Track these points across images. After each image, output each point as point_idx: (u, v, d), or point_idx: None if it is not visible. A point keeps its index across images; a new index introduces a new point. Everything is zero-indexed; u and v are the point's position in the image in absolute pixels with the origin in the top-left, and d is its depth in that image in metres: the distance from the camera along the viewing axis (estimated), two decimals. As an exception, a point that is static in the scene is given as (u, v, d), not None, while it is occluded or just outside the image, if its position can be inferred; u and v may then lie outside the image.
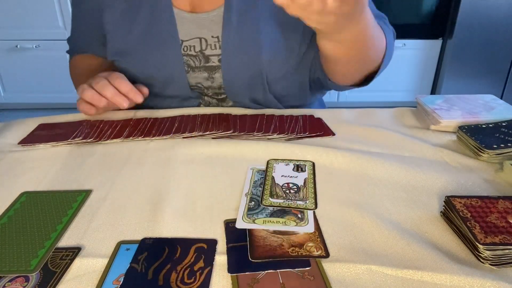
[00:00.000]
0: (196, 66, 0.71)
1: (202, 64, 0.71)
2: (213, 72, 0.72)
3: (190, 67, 0.71)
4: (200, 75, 0.72)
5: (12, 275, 0.37)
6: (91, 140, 0.61)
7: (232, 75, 0.71)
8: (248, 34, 0.68)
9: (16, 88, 2.53)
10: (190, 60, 0.71)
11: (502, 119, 0.62)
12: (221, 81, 0.72)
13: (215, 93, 0.76)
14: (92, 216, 0.45)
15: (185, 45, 0.70)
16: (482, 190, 0.49)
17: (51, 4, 2.30)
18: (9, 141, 0.62)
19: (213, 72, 0.72)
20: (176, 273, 0.37)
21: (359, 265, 0.38)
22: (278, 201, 0.46)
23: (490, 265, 0.38)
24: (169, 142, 0.60)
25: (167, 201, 0.47)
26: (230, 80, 0.71)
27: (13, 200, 0.48)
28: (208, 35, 0.70)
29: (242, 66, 0.69)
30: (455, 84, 2.48)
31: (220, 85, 0.73)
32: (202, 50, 0.70)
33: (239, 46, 0.68)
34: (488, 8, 2.25)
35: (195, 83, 0.73)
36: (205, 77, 0.72)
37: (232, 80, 0.71)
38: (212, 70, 0.71)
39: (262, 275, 0.37)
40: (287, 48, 0.70)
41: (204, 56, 0.71)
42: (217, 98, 0.76)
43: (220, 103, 0.77)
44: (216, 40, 0.70)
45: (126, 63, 0.72)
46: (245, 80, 0.71)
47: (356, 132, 0.64)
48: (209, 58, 0.71)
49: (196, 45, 0.70)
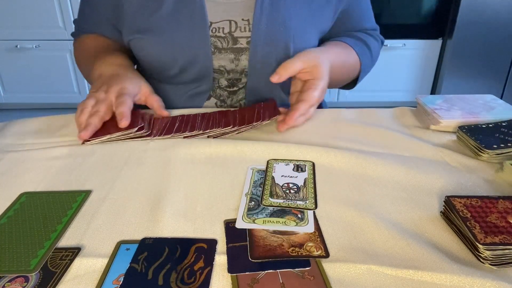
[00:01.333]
0: (223, 47, 0.72)
1: (229, 45, 0.72)
2: (240, 54, 0.73)
3: (217, 48, 0.72)
4: (226, 56, 0.73)
5: (11, 275, 0.37)
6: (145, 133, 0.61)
7: (259, 58, 0.72)
8: (279, 20, 0.70)
9: (16, 88, 2.53)
10: (217, 41, 0.72)
11: (502, 119, 0.62)
12: (246, 64, 0.73)
13: (230, 83, 0.76)
14: (92, 216, 0.45)
15: (214, 26, 0.71)
16: (482, 190, 0.49)
17: (51, 4, 2.30)
18: (9, 141, 0.62)
19: (240, 54, 0.73)
20: (176, 273, 0.37)
21: (359, 265, 0.38)
22: (278, 201, 0.46)
23: (490, 265, 0.38)
24: (169, 142, 0.60)
25: (167, 201, 0.47)
26: (255, 62, 0.72)
27: (13, 201, 0.48)
28: (239, 18, 0.71)
29: (270, 50, 0.71)
30: (455, 84, 2.48)
31: (244, 68, 0.74)
32: (231, 32, 0.71)
33: (270, 31, 0.70)
34: (488, 8, 2.26)
35: (218, 66, 0.74)
36: (230, 58, 0.73)
37: (257, 63, 0.72)
38: (239, 52, 0.72)
39: (262, 275, 0.37)
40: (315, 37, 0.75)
41: (232, 38, 0.72)
42: (229, 91, 0.77)
43: (231, 96, 0.77)
44: (247, 23, 0.71)
45: (148, 42, 0.72)
46: (270, 64, 0.72)
47: (356, 132, 0.64)
48: (238, 40, 0.72)
49: (225, 27, 0.71)
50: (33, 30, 2.37)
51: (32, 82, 2.51)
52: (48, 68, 2.45)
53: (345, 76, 0.79)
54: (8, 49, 2.41)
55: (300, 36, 0.72)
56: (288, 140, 0.61)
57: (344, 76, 0.79)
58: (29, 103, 2.60)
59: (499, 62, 2.40)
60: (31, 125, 0.67)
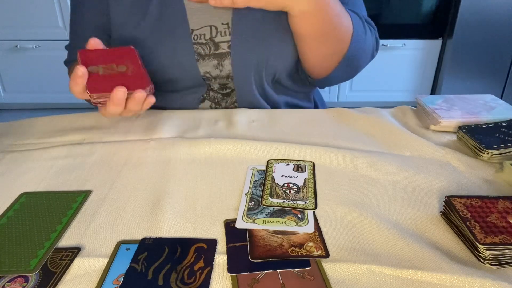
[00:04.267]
0: (206, 54, 0.72)
1: (211, 51, 0.72)
2: (222, 59, 0.72)
3: (200, 55, 0.72)
4: (209, 63, 0.73)
5: (11, 275, 0.37)
6: None
7: (241, 61, 0.71)
8: (257, 19, 0.69)
9: (16, 88, 2.53)
10: (200, 48, 0.72)
11: (502, 119, 0.62)
12: (230, 68, 0.73)
13: (221, 86, 0.76)
14: (92, 216, 0.45)
15: (195, 33, 0.71)
16: (482, 190, 0.49)
17: (51, 4, 2.30)
18: (9, 141, 0.62)
19: (223, 59, 0.72)
20: (176, 273, 0.37)
21: (359, 265, 0.38)
22: (278, 201, 0.46)
23: (490, 265, 0.38)
24: (169, 142, 0.60)
25: (167, 201, 0.47)
26: (239, 66, 0.72)
27: (13, 201, 0.48)
28: (218, 22, 0.71)
29: (251, 52, 0.71)
30: (455, 84, 2.48)
31: (229, 73, 0.73)
32: (212, 37, 0.71)
33: (249, 31, 0.70)
34: (488, 8, 2.25)
35: (203, 73, 0.74)
36: (214, 65, 0.73)
37: (241, 67, 0.72)
38: (222, 57, 0.72)
39: (262, 275, 0.37)
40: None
41: (214, 43, 0.71)
42: (222, 93, 0.77)
43: (225, 98, 0.77)
44: (226, 27, 0.71)
45: None
46: (253, 66, 0.72)
47: (356, 131, 0.64)
48: (219, 45, 0.71)
49: (206, 33, 0.71)
50: (33, 30, 2.36)
51: (32, 82, 2.51)
52: (48, 68, 2.45)
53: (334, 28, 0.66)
54: (8, 49, 2.41)
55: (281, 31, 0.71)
56: (288, 140, 0.61)
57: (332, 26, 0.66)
58: (29, 103, 2.60)
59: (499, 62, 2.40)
60: (31, 125, 0.67)
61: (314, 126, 0.66)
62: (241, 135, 0.63)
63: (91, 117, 0.70)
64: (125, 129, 0.65)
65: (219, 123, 0.67)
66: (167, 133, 0.63)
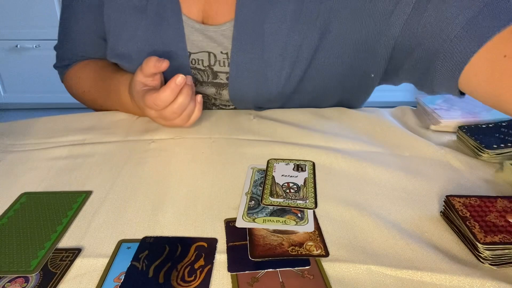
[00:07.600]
0: (204, 81, 0.69)
1: (210, 79, 0.68)
2: (220, 88, 0.69)
3: (198, 81, 0.69)
4: (207, 89, 0.70)
5: (11, 276, 0.37)
6: None
7: (240, 94, 0.68)
8: (258, 53, 0.63)
9: (16, 88, 2.53)
10: (198, 74, 0.68)
11: (502, 119, 0.62)
12: (228, 98, 0.69)
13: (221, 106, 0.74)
14: (93, 216, 0.45)
15: (193, 58, 0.67)
16: (482, 190, 0.49)
17: (51, 4, 2.30)
18: (10, 141, 0.62)
19: (221, 88, 0.69)
20: (177, 271, 0.37)
21: (359, 265, 0.38)
22: (278, 200, 0.46)
23: (490, 265, 0.38)
24: (170, 142, 0.60)
25: (167, 200, 0.47)
26: (237, 98, 0.69)
27: (13, 201, 0.48)
28: (217, 51, 0.65)
29: (250, 86, 0.66)
30: (455, 84, 2.48)
31: (227, 99, 0.71)
32: (211, 65, 0.67)
33: (248, 66, 0.64)
34: (488, 8, 2.25)
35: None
36: (212, 92, 0.70)
37: (239, 98, 0.69)
38: (220, 86, 0.69)
39: (262, 274, 0.37)
40: None
41: (212, 72, 0.67)
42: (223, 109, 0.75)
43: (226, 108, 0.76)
44: (225, 57, 0.65)
45: (129, 68, 0.69)
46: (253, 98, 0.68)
47: (357, 131, 0.64)
48: (218, 74, 0.67)
49: (204, 59, 0.67)
50: (33, 30, 2.36)
51: (32, 82, 2.51)
52: (48, 68, 2.43)
53: None
54: (8, 49, 2.41)
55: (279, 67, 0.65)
56: (289, 140, 0.61)
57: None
58: (29, 103, 2.60)
59: (499, 62, 2.40)
60: (31, 125, 0.67)
61: (314, 126, 0.66)
62: (241, 135, 0.63)
63: (91, 117, 0.70)
64: (125, 130, 0.65)
65: (219, 122, 0.67)
66: (167, 133, 0.63)
